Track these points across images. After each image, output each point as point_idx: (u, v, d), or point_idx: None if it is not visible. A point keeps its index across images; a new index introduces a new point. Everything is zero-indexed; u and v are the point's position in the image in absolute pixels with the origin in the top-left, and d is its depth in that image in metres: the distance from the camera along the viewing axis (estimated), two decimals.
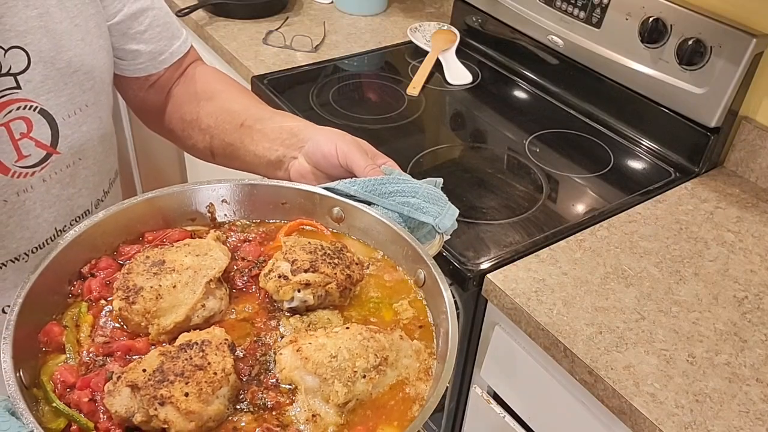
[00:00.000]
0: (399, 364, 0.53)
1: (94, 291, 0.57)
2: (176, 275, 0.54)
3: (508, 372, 1.03)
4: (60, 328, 0.55)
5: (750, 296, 0.99)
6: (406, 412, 0.51)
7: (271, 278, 0.57)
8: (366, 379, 0.51)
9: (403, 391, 0.53)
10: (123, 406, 0.46)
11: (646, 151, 1.31)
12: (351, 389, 0.50)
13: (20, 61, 0.66)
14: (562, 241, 1.06)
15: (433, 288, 0.59)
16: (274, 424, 0.49)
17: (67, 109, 0.71)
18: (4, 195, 0.68)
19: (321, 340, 0.52)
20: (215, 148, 0.85)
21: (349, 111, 1.37)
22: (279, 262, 0.58)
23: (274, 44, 1.59)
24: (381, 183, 0.64)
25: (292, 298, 0.56)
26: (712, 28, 1.16)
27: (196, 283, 0.55)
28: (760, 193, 1.22)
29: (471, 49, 1.63)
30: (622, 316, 0.93)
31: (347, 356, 0.51)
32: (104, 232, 0.60)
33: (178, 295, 0.54)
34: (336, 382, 0.50)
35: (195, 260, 0.56)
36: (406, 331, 0.57)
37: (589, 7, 1.35)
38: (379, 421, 0.50)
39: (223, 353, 0.50)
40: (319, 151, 0.72)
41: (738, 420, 0.80)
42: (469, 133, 1.35)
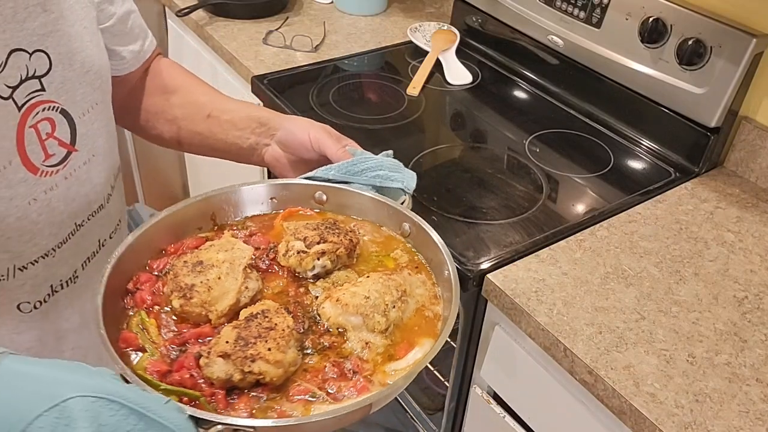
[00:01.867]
0: (414, 293, 0.69)
1: (147, 300, 0.66)
2: (217, 269, 0.65)
3: (508, 372, 1.03)
4: (133, 335, 0.63)
5: (750, 296, 0.99)
6: (432, 328, 0.66)
7: (291, 255, 0.69)
8: (396, 309, 0.65)
9: (423, 314, 0.68)
10: (221, 371, 0.57)
11: (646, 151, 1.31)
12: (388, 318, 0.64)
13: (43, 64, 0.69)
14: (562, 241, 1.06)
15: (419, 234, 0.75)
16: (337, 359, 0.62)
17: (82, 108, 0.75)
18: (34, 194, 0.71)
19: (352, 289, 0.66)
20: (183, 138, 0.92)
21: (349, 111, 1.37)
22: (292, 242, 0.70)
23: (274, 44, 1.59)
24: (352, 164, 0.77)
25: (313, 267, 0.69)
26: (712, 28, 1.16)
27: (235, 272, 0.65)
28: (760, 193, 1.22)
29: (471, 49, 1.63)
30: (622, 316, 0.93)
31: (377, 295, 0.65)
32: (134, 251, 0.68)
33: (225, 284, 0.64)
34: (375, 315, 0.64)
35: (226, 255, 0.66)
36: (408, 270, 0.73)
37: (589, 7, 1.35)
38: (415, 336, 0.65)
39: (282, 315, 0.62)
40: (294, 139, 0.81)
41: (738, 420, 0.80)
42: (469, 133, 1.35)
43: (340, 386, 0.59)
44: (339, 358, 0.62)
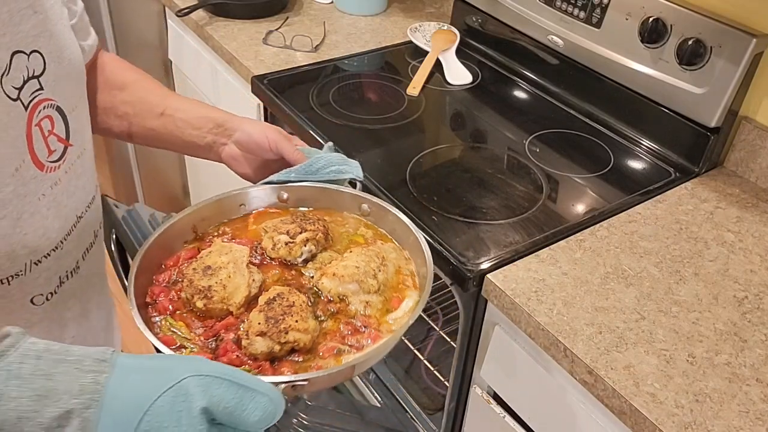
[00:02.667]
0: (390, 258, 0.80)
1: (169, 307, 0.74)
2: (225, 269, 0.74)
3: (508, 372, 1.03)
4: (169, 337, 0.70)
5: (750, 296, 0.99)
6: (414, 283, 0.79)
7: (281, 247, 0.79)
8: (381, 272, 0.77)
9: (401, 273, 0.79)
10: (263, 346, 0.68)
11: (646, 151, 1.31)
12: (378, 279, 0.76)
13: (39, 63, 0.72)
14: (562, 241, 1.06)
15: (377, 211, 0.85)
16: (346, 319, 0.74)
17: (71, 104, 0.78)
18: (42, 189, 0.73)
19: (342, 263, 0.77)
20: (135, 133, 0.94)
21: (349, 111, 1.37)
22: (277, 236, 0.80)
23: (274, 44, 1.59)
24: (309, 165, 0.85)
25: (301, 254, 0.79)
26: (712, 28, 1.16)
27: (240, 269, 0.74)
28: (760, 193, 1.22)
29: (471, 49, 1.63)
30: (622, 316, 0.93)
31: (364, 264, 0.77)
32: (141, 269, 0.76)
33: (235, 280, 0.73)
34: (368, 279, 0.75)
35: (228, 257, 0.75)
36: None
37: (589, 7, 1.35)
38: (401, 291, 0.78)
39: (295, 294, 0.72)
40: (252, 141, 0.87)
41: (738, 420, 0.80)
42: (469, 133, 1.35)
43: (358, 339, 0.72)
44: (348, 319, 0.74)
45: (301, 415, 1.19)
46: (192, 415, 0.52)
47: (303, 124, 1.31)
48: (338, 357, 0.70)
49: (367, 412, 1.30)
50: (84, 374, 0.52)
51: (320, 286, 0.76)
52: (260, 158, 0.88)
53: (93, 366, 0.53)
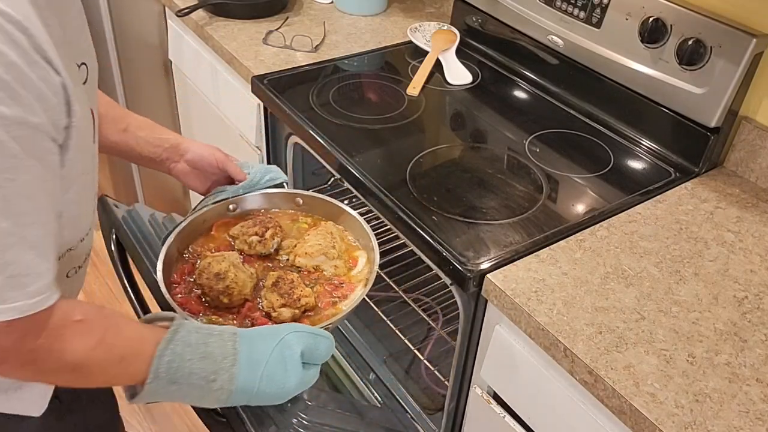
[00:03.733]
0: (335, 231, 1.02)
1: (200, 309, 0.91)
2: (231, 272, 0.92)
3: (508, 372, 1.03)
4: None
5: (750, 296, 0.99)
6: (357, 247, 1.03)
7: (256, 245, 1.00)
8: (336, 243, 1.00)
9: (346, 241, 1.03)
10: (288, 314, 0.89)
11: (646, 151, 1.31)
12: (336, 248, 0.99)
13: (84, 74, 0.77)
14: (562, 241, 1.06)
15: (311, 201, 1.08)
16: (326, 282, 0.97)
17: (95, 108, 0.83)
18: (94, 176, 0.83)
19: (308, 244, 1.00)
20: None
21: (349, 111, 1.37)
22: (248, 238, 1.00)
23: (274, 44, 1.59)
24: (250, 181, 1.06)
25: (273, 245, 1.01)
26: (712, 28, 1.16)
27: (240, 268, 0.94)
28: (760, 193, 1.22)
29: (471, 49, 1.63)
30: (622, 316, 0.93)
31: (322, 240, 0.99)
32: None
33: (241, 277, 0.92)
34: (330, 250, 0.98)
35: (226, 262, 0.93)
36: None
37: (589, 7, 1.35)
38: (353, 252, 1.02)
39: (290, 273, 0.95)
40: (203, 160, 1.04)
41: (738, 420, 0.80)
42: (469, 133, 1.35)
43: (341, 291, 0.96)
44: (327, 281, 0.97)
45: (301, 415, 1.19)
46: (294, 359, 0.77)
47: (303, 124, 1.31)
48: (335, 305, 0.94)
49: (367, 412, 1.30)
50: (225, 342, 0.75)
51: (298, 263, 0.99)
52: (208, 174, 1.06)
53: (230, 337, 0.76)
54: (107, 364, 0.70)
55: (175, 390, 0.72)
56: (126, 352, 0.71)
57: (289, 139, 1.45)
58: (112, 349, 0.70)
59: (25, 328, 0.62)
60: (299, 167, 1.53)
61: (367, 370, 1.42)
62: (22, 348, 0.63)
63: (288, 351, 0.77)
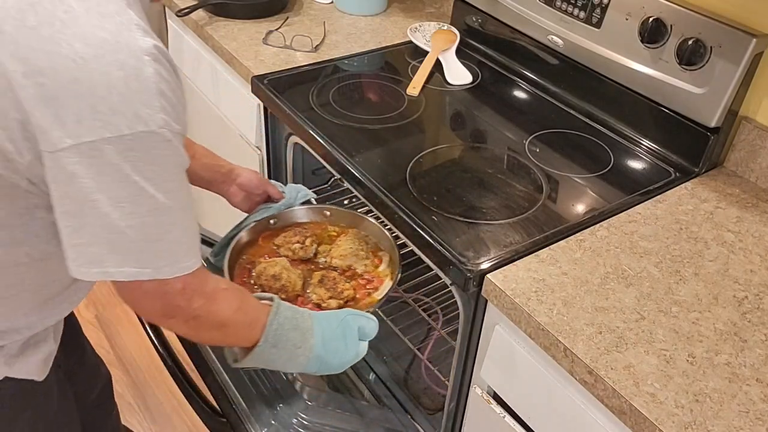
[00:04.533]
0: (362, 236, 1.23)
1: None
2: (284, 274, 1.12)
3: (508, 372, 1.03)
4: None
5: (750, 296, 0.99)
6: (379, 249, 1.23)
7: (299, 251, 1.20)
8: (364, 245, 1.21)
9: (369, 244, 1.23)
10: (335, 304, 1.09)
11: (646, 151, 1.31)
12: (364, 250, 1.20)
13: None
14: (562, 241, 1.06)
15: (336, 213, 1.29)
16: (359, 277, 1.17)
17: None
18: None
19: (341, 248, 1.20)
20: None
21: (349, 111, 1.37)
22: (292, 246, 1.20)
23: (274, 44, 1.59)
24: (287, 201, 1.27)
25: (312, 251, 1.21)
26: (712, 28, 1.16)
27: (290, 270, 1.14)
28: (760, 193, 1.22)
29: (471, 49, 1.63)
30: (622, 316, 0.93)
31: (352, 243, 1.21)
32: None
33: (293, 277, 1.13)
34: (360, 252, 1.19)
35: (278, 266, 1.13)
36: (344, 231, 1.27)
37: (589, 7, 1.35)
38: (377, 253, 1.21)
39: (331, 272, 1.16)
40: (251, 183, 1.23)
41: (738, 420, 0.80)
42: (469, 133, 1.35)
43: (373, 284, 1.16)
44: (359, 277, 1.17)
45: (301, 415, 1.19)
46: (353, 335, 0.96)
47: (303, 124, 1.31)
48: (370, 295, 1.13)
49: (367, 412, 1.30)
50: (306, 319, 0.93)
51: (335, 264, 1.19)
52: (253, 195, 1.25)
53: (309, 316, 0.94)
54: (241, 326, 0.88)
55: (273, 353, 0.90)
56: (251, 318, 0.89)
57: (289, 139, 1.45)
58: (246, 314, 0.88)
59: (192, 290, 0.79)
60: (299, 167, 1.53)
61: (367, 370, 1.42)
62: (189, 307, 0.79)
63: (348, 329, 0.96)
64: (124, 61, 0.66)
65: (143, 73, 0.67)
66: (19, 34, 0.64)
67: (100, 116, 0.65)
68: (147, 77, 0.67)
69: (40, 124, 0.66)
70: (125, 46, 0.66)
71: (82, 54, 0.65)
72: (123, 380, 2.01)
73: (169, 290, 0.77)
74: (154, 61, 0.68)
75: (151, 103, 0.67)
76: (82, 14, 0.66)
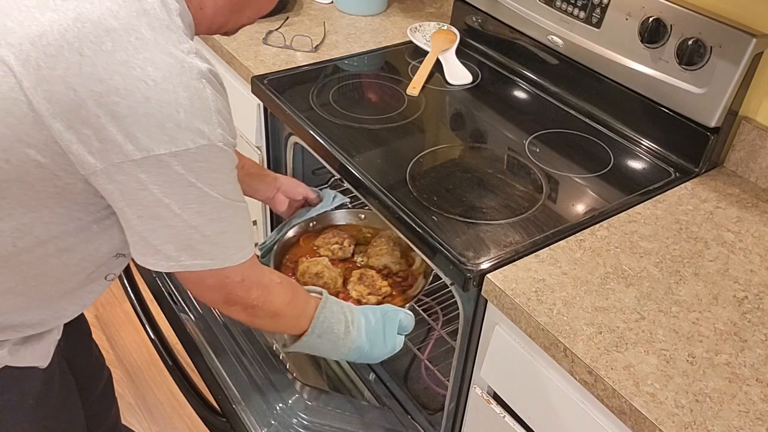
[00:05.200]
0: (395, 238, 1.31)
1: None
2: (326, 272, 1.23)
3: (508, 372, 1.03)
4: None
5: (750, 296, 0.99)
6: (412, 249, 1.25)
7: (338, 251, 1.30)
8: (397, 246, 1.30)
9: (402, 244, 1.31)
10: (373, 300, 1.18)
11: (646, 151, 1.31)
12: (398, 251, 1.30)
13: None
14: (562, 241, 1.06)
15: (370, 215, 1.39)
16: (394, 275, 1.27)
17: None
18: None
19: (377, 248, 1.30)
20: None
21: (349, 111, 1.37)
22: (331, 246, 1.31)
23: (274, 44, 1.59)
24: (324, 204, 1.36)
25: (350, 251, 1.31)
26: (712, 28, 1.16)
27: (331, 269, 1.25)
28: (760, 193, 1.22)
29: (471, 49, 1.63)
30: (622, 316, 0.93)
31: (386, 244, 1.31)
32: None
33: (334, 275, 1.23)
34: (394, 252, 1.29)
35: (321, 265, 1.24)
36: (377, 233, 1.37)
37: (589, 7, 1.35)
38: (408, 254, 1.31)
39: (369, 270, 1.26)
40: (293, 190, 1.34)
41: (738, 420, 0.80)
42: (469, 133, 1.35)
43: (407, 282, 1.25)
44: (394, 276, 1.27)
45: (301, 415, 1.19)
46: (392, 329, 1.06)
47: (303, 124, 1.31)
48: (405, 292, 1.23)
49: (367, 412, 1.30)
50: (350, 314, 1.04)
51: (371, 263, 1.28)
52: (293, 201, 1.36)
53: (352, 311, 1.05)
54: (291, 317, 0.98)
55: (318, 342, 1.00)
56: (301, 311, 0.99)
57: (289, 139, 1.45)
58: (296, 307, 0.98)
59: (251, 282, 0.89)
60: (299, 167, 1.53)
61: (367, 370, 1.42)
62: (248, 297, 0.90)
63: (388, 323, 1.06)
64: (188, 83, 0.75)
65: (203, 94, 0.76)
66: (97, 58, 0.72)
67: (168, 132, 0.74)
68: (206, 97, 0.76)
69: (113, 138, 0.73)
70: (188, 69, 0.75)
71: (153, 77, 0.73)
72: (123, 380, 2.01)
73: (230, 282, 0.87)
74: (209, 83, 0.77)
75: (210, 120, 0.76)
76: (151, 41, 0.74)
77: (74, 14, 0.73)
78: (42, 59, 0.72)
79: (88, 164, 0.75)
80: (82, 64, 0.71)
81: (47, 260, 0.85)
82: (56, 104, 0.72)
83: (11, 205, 0.79)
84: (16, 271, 0.85)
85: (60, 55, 0.71)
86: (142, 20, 0.75)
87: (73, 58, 0.72)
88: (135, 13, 0.75)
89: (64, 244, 0.85)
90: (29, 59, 0.72)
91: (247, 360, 1.25)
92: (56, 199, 0.80)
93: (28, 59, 0.72)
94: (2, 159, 0.75)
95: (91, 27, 0.73)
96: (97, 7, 0.74)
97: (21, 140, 0.74)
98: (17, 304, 0.88)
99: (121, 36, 0.73)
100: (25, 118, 0.73)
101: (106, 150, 0.74)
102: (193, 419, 1.89)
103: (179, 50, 0.76)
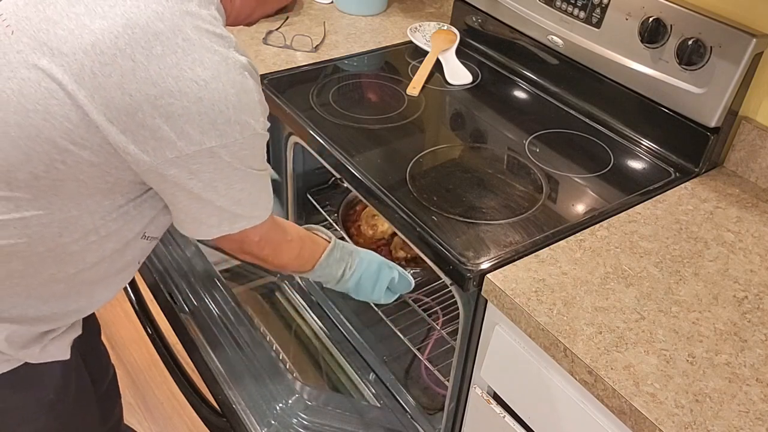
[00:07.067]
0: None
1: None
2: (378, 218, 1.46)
3: (508, 372, 1.03)
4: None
5: (750, 296, 0.99)
6: None
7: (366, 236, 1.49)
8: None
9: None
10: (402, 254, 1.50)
11: (646, 151, 1.31)
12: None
13: None
14: (562, 241, 1.06)
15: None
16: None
17: None
18: None
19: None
20: None
21: (349, 111, 1.37)
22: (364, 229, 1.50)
23: (274, 44, 1.59)
24: None
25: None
26: (712, 28, 1.16)
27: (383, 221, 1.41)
28: (760, 193, 1.22)
29: (471, 49, 1.63)
30: (622, 316, 0.93)
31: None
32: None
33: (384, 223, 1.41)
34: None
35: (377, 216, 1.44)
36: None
37: (589, 7, 1.35)
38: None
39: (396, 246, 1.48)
40: None
41: (738, 420, 0.80)
42: (469, 133, 1.35)
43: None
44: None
45: (301, 415, 1.19)
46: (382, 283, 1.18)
47: (303, 124, 1.31)
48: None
49: (367, 412, 1.30)
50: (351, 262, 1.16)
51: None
52: None
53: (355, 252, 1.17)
54: (296, 266, 1.11)
55: (318, 276, 1.14)
56: (306, 261, 1.11)
57: (289, 139, 1.45)
58: (301, 259, 1.10)
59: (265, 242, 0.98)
60: (299, 167, 1.53)
61: (367, 370, 1.42)
62: (260, 252, 1.00)
63: (382, 277, 1.18)
64: (234, 79, 0.80)
65: (247, 87, 0.82)
66: (149, 63, 0.75)
67: (219, 127, 0.79)
68: (249, 90, 0.82)
69: (167, 137, 0.78)
70: (232, 65, 0.80)
71: (203, 77, 0.77)
72: (123, 380, 2.00)
73: (248, 240, 0.97)
74: (249, 75, 0.83)
75: (255, 111, 0.83)
76: (197, 41, 0.78)
77: (123, 20, 0.76)
78: (97, 68, 0.75)
79: (142, 162, 0.80)
80: (135, 69, 0.75)
81: (89, 247, 0.89)
82: (113, 109, 0.76)
83: (62, 200, 0.83)
84: (59, 260, 0.88)
85: (114, 63, 0.75)
86: (186, 20, 0.78)
87: (127, 65, 0.75)
88: (179, 14, 0.78)
89: (105, 230, 0.89)
90: (84, 68, 0.75)
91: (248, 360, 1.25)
92: (104, 193, 0.85)
93: (83, 68, 0.75)
94: (58, 161, 0.79)
95: (140, 32, 0.76)
96: (144, 10, 0.77)
97: (76, 143, 0.78)
98: (58, 291, 0.91)
99: (169, 38, 0.77)
100: (81, 123, 0.77)
101: (161, 147, 0.79)
102: (193, 419, 1.89)
103: (222, 46, 0.80)
